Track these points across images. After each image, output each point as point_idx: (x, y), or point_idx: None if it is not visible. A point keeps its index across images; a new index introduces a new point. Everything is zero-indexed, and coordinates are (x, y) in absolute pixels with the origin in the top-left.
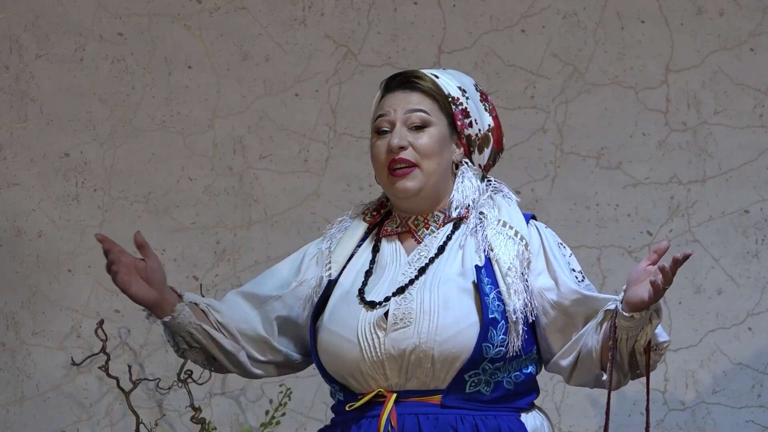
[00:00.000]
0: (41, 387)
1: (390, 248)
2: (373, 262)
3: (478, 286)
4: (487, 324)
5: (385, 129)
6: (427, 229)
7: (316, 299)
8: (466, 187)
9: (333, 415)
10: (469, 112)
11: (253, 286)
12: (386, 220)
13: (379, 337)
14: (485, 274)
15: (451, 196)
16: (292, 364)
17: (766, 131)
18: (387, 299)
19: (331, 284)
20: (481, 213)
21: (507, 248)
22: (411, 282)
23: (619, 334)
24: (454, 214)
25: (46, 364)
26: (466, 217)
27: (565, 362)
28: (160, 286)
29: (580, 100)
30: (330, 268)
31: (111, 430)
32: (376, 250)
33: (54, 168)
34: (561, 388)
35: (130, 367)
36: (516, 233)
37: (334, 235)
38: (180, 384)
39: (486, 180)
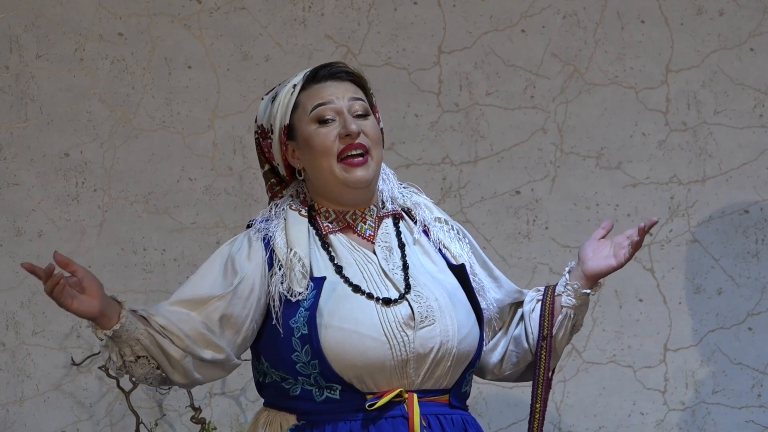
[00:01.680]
0: (41, 387)
1: (342, 243)
2: (332, 258)
3: (468, 285)
4: (482, 322)
5: (330, 117)
6: (364, 223)
7: (305, 295)
8: (390, 179)
9: (297, 413)
10: (377, 108)
11: (188, 292)
12: (312, 215)
13: (407, 335)
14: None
15: (380, 187)
16: (228, 365)
17: (766, 131)
18: (401, 296)
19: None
20: (415, 210)
21: (459, 246)
22: (406, 279)
23: (567, 313)
24: (390, 208)
25: (46, 364)
26: (400, 214)
27: (495, 356)
28: (100, 296)
29: (580, 100)
30: (303, 265)
31: (111, 430)
32: (325, 245)
33: (54, 168)
34: (561, 388)
35: None
36: (458, 231)
37: (272, 230)
38: None
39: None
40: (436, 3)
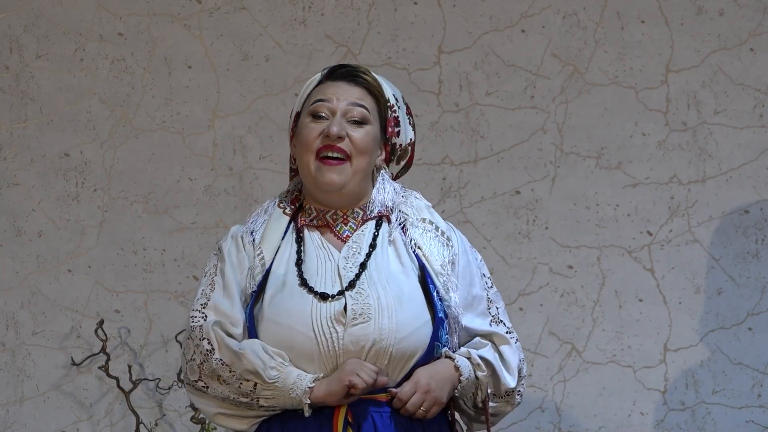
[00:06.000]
0: (41, 387)
1: (313, 239)
2: (299, 252)
3: (426, 285)
4: (438, 322)
5: (323, 115)
6: (345, 225)
7: (252, 289)
8: (387, 191)
9: None
10: (399, 121)
11: (234, 312)
12: (299, 211)
13: (337, 332)
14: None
15: (372, 196)
16: None
17: (766, 131)
18: (340, 293)
19: (266, 273)
20: (401, 211)
21: (434, 246)
22: (357, 276)
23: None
24: (375, 212)
25: (46, 364)
26: (387, 216)
27: None
28: None
29: (580, 100)
30: (263, 258)
31: (111, 430)
32: (299, 240)
33: (54, 168)
34: (561, 389)
35: (130, 367)
36: (442, 232)
37: (255, 228)
38: (180, 384)
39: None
40: (436, 3)
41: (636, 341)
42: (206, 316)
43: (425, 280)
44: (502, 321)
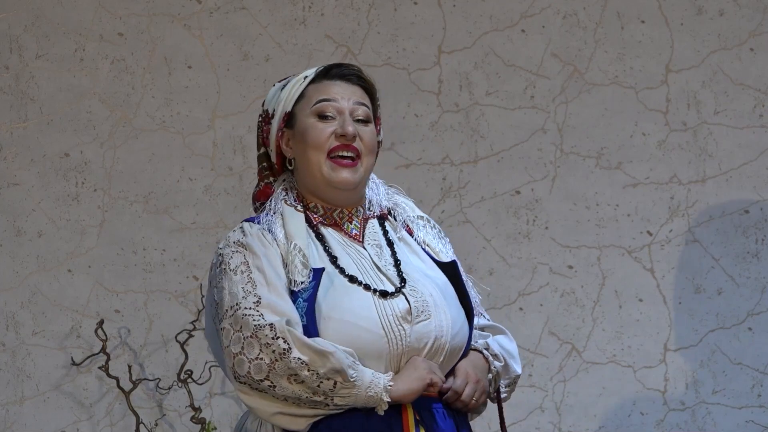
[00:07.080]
0: (41, 387)
1: (333, 237)
2: (326, 249)
3: (459, 281)
4: (472, 318)
5: (330, 114)
6: (351, 223)
7: (301, 286)
8: (379, 188)
9: None
10: (380, 120)
11: (289, 311)
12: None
13: (404, 330)
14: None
15: (367, 195)
16: None
17: (766, 131)
18: (398, 290)
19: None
20: (399, 210)
21: (438, 242)
22: (399, 274)
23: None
24: (377, 211)
25: (46, 364)
26: (386, 214)
27: None
28: None
29: (580, 100)
30: (303, 254)
31: (111, 430)
32: (319, 237)
33: (54, 168)
34: (561, 389)
35: (130, 367)
36: (439, 230)
37: (272, 226)
38: (180, 384)
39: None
40: (436, 3)
41: (636, 341)
42: (263, 314)
43: (457, 276)
44: (482, 314)
